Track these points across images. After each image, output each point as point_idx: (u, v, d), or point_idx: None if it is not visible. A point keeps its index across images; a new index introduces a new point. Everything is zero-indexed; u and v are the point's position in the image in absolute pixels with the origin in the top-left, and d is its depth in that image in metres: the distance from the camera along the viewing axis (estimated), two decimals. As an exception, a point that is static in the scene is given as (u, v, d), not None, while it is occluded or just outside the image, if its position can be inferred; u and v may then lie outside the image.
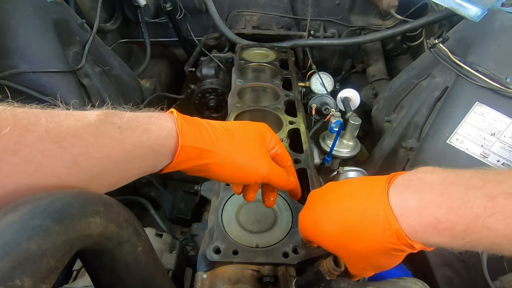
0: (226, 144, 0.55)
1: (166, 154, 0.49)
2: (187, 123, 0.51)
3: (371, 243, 0.46)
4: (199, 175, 0.56)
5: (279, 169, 0.62)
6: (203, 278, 0.62)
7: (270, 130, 0.64)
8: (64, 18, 1.11)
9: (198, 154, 0.52)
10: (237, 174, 0.57)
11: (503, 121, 0.92)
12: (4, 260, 0.29)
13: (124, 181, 0.48)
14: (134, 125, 0.45)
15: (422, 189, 0.43)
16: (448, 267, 1.09)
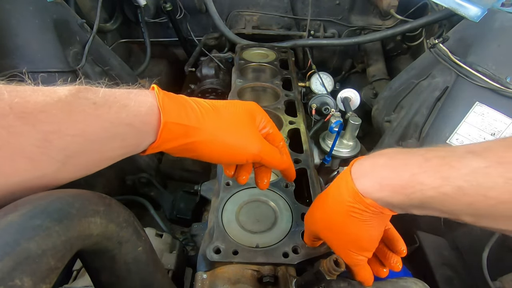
0: (213, 121, 0.52)
1: (149, 132, 0.46)
2: (170, 99, 0.48)
3: (338, 208, 0.51)
4: (186, 155, 0.53)
5: (272, 148, 0.60)
6: (203, 278, 0.62)
7: (261, 109, 0.62)
8: (64, 18, 1.11)
9: (183, 132, 0.49)
10: (227, 153, 0.54)
11: (503, 121, 0.92)
12: (4, 260, 0.29)
13: (105, 162, 0.45)
14: (110, 100, 0.42)
15: (376, 157, 0.49)
16: (448, 267, 1.09)
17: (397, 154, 0.47)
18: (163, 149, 0.49)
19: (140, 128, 0.45)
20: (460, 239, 1.14)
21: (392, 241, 0.60)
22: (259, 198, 0.76)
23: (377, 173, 0.47)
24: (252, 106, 0.60)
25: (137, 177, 1.36)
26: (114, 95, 0.43)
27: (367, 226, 0.51)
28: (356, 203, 0.49)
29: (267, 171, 0.64)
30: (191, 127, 0.49)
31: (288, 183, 0.79)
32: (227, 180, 0.79)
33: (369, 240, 0.53)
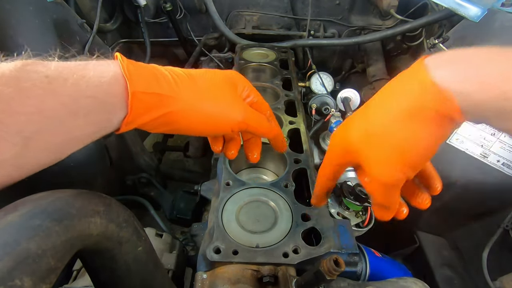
0: (189, 89, 0.48)
1: (117, 105, 0.42)
2: (136, 67, 0.44)
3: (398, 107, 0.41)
4: (165, 130, 0.48)
5: (257, 114, 0.55)
6: (203, 278, 0.62)
7: (242, 77, 0.57)
8: (64, 18, 1.11)
9: (156, 102, 0.44)
10: (209, 123, 0.50)
11: (503, 121, 0.92)
12: (4, 260, 0.29)
13: (74, 143, 0.41)
14: (65, 72, 0.38)
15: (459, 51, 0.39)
16: (448, 267, 1.09)
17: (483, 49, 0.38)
18: (138, 124, 0.45)
19: (105, 101, 0.40)
20: (460, 239, 1.14)
21: (427, 176, 0.51)
22: (259, 198, 0.76)
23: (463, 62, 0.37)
24: (232, 73, 0.56)
25: (137, 177, 1.36)
26: (69, 67, 0.39)
27: (428, 134, 0.40)
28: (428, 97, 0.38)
29: (256, 143, 0.60)
30: (164, 95, 0.45)
31: (288, 183, 0.79)
32: (227, 180, 0.79)
33: (423, 153, 0.42)
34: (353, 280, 0.66)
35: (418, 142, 0.41)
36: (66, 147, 0.40)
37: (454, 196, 1.02)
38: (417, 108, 0.39)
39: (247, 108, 0.54)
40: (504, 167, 0.94)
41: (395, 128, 0.42)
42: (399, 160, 0.43)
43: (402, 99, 0.41)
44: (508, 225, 0.94)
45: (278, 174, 0.95)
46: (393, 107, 0.42)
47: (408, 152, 0.42)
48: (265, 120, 0.56)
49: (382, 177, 0.44)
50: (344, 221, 0.72)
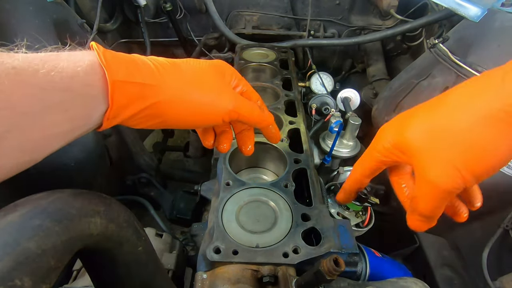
0: (174, 77, 0.44)
1: (96, 97, 0.38)
2: (114, 55, 0.40)
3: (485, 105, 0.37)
4: (153, 125, 0.45)
5: (248, 102, 0.53)
6: (203, 278, 0.62)
7: (229, 65, 0.54)
8: (64, 18, 1.11)
9: (138, 93, 0.40)
10: (198, 113, 0.47)
11: (503, 121, 0.92)
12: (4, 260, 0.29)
13: (52, 141, 0.37)
14: (34, 63, 0.34)
15: None
16: (448, 267, 1.09)
17: None
18: (122, 119, 0.41)
19: (82, 93, 0.37)
20: (460, 239, 1.14)
21: (471, 192, 0.48)
22: (259, 198, 0.76)
23: None
24: (219, 62, 0.53)
25: (137, 177, 1.36)
26: (39, 57, 0.35)
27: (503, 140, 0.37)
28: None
29: (249, 134, 0.58)
30: (146, 85, 0.41)
31: (288, 183, 0.79)
32: (227, 180, 0.79)
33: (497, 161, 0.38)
34: (353, 280, 0.66)
35: (498, 148, 0.37)
36: (42, 146, 0.37)
37: (454, 196, 1.02)
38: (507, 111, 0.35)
39: (238, 96, 0.51)
40: (504, 167, 0.94)
41: (476, 131, 0.38)
42: (467, 164, 0.39)
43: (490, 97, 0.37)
44: (508, 225, 0.94)
45: (278, 174, 0.95)
46: (480, 107, 0.38)
47: (481, 158, 0.38)
48: (257, 108, 0.54)
49: (440, 182, 0.40)
50: (344, 221, 0.72)
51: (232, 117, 0.50)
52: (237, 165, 0.93)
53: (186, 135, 1.97)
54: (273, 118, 0.59)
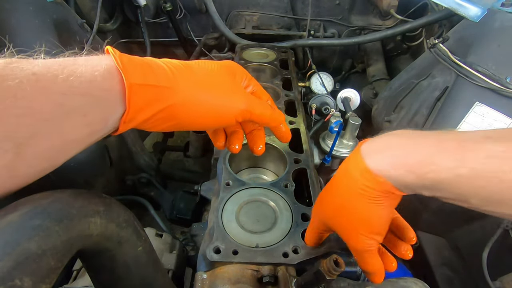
0: (188, 79, 0.45)
1: (113, 101, 0.38)
2: (130, 59, 0.41)
3: (349, 188, 0.49)
4: (167, 127, 0.46)
5: (260, 101, 0.53)
6: (203, 278, 0.62)
7: (240, 66, 0.56)
8: (64, 18, 1.11)
9: (154, 95, 0.41)
10: (211, 115, 0.47)
11: (503, 121, 0.92)
12: (4, 260, 0.29)
13: (71, 147, 0.38)
14: (54, 68, 0.34)
15: (387, 136, 0.48)
16: (448, 267, 1.09)
17: (410, 134, 0.46)
18: (138, 123, 0.42)
19: (101, 97, 0.37)
20: (460, 239, 1.14)
21: (401, 229, 0.58)
22: (259, 198, 0.76)
23: (390, 151, 0.45)
24: (229, 62, 0.54)
25: (137, 177, 1.36)
26: (57, 63, 0.35)
27: (378, 206, 0.48)
28: (367, 181, 0.46)
29: (260, 134, 0.59)
30: (162, 87, 0.42)
31: (288, 183, 0.79)
32: (227, 180, 0.79)
33: (380, 222, 0.50)
34: (353, 280, 0.66)
35: (374, 213, 0.49)
36: (62, 152, 0.37)
37: (454, 196, 1.02)
38: (364, 189, 0.47)
39: (249, 96, 0.52)
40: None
41: (353, 206, 0.50)
42: (365, 229, 0.51)
43: (352, 183, 0.49)
44: (508, 225, 0.94)
45: (278, 174, 0.95)
46: (346, 190, 0.50)
47: (370, 222, 0.50)
48: (269, 107, 0.54)
49: (357, 245, 0.52)
50: (344, 221, 0.72)
51: (245, 117, 0.51)
52: (237, 165, 0.93)
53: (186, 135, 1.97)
54: (284, 117, 0.59)
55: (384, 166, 0.45)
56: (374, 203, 0.48)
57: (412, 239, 0.57)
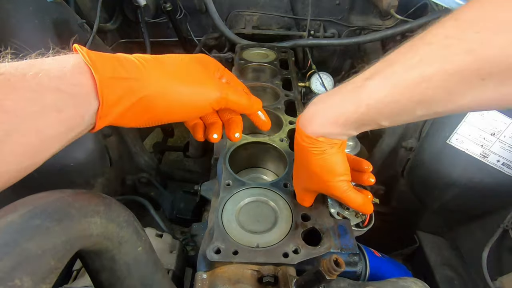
0: (158, 70, 0.46)
1: (86, 96, 0.39)
2: (97, 54, 0.41)
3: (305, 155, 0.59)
4: (146, 121, 0.47)
5: (235, 88, 0.55)
6: (203, 278, 0.62)
7: (212, 59, 0.58)
8: (64, 18, 1.11)
9: (126, 88, 0.42)
10: (187, 104, 0.48)
11: (503, 121, 0.92)
12: (4, 260, 0.29)
13: (50, 144, 0.39)
14: (22, 68, 0.35)
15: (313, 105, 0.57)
16: (448, 267, 1.09)
17: (324, 98, 0.56)
18: (114, 117, 0.42)
19: (73, 93, 0.38)
20: (460, 239, 1.14)
21: (358, 164, 0.68)
22: (259, 198, 0.76)
23: (316, 117, 0.55)
24: (201, 55, 0.56)
25: (137, 177, 1.36)
26: (25, 62, 0.36)
27: (331, 156, 0.58)
28: (312, 144, 0.56)
29: (237, 121, 0.60)
30: (133, 79, 0.42)
31: (288, 183, 0.79)
32: (227, 180, 0.79)
33: (339, 165, 0.59)
34: (353, 280, 0.66)
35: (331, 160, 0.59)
36: (41, 149, 0.38)
37: (454, 196, 1.02)
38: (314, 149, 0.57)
39: (223, 83, 0.54)
40: (504, 167, 0.94)
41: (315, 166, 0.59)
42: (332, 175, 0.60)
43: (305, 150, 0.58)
44: (508, 225, 0.94)
45: (278, 174, 0.95)
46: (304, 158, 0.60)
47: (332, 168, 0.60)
48: (244, 94, 0.56)
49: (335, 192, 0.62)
50: (344, 221, 0.72)
51: (221, 104, 0.52)
52: (237, 165, 0.93)
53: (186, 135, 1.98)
54: (261, 104, 0.61)
55: (318, 129, 0.55)
56: (326, 155, 0.57)
57: (367, 168, 0.68)
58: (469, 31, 0.39)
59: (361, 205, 0.64)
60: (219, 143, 1.07)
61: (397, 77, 0.46)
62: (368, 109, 0.50)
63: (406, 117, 0.49)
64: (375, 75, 0.50)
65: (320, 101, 0.56)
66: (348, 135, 0.57)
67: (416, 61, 0.44)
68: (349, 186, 0.62)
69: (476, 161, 0.95)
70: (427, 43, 0.43)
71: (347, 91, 0.52)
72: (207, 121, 0.61)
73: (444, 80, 0.41)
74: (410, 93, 0.45)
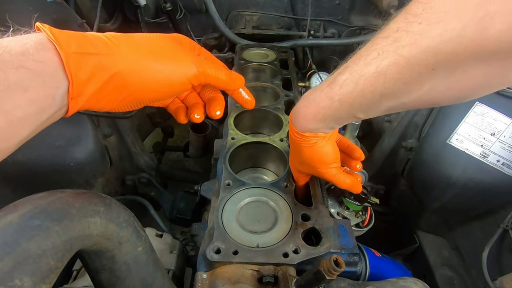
0: (129, 46, 0.44)
1: (53, 74, 0.37)
2: (61, 31, 0.39)
3: (297, 147, 0.66)
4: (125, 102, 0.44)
5: (214, 64, 0.54)
6: (203, 278, 0.62)
7: (188, 38, 0.56)
8: (64, 18, 1.11)
9: (96, 64, 0.40)
10: (163, 80, 0.46)
11: (503, 121, 0.92)
12: (4, 260, 0.29)
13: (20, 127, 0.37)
14: None
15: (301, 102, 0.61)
16: (448, 267, 1.09)
17: (309, 94, 0.59)
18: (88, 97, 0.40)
19: (38, 70, 0.36)
20: (460, 239, 1.14)
21: (351, 151, 0.74)
22: (259, 198, 0.76)
23: (301, 114, 0.60)
24: (175, 34, 0.54)
25: (137, 177, 1.36)
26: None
27: (320, 148, 0.63)
28: (302, 138, 0.62)
29: (218, 98, 0.59)
30: (102, 55, 0.40)
31: (288, 183, 0.79)
32: (227, 180, 0.79)
33: (329, 155, 0.65)
34: (353, 280, 0.66)
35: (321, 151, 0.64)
36: (11, 132, 0.36)
37: (454, 196, 1.02)
38: (304, 142, 0.63)
39: (201, 59, 0.52)
40: (504, 167, 0.94)
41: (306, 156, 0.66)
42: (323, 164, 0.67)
43: (296, 144, 0.65)
44: (508, 225, 0.94)
45: (278, 174, 0.95)
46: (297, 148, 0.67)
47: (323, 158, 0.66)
48: (224, 70, 0.54)
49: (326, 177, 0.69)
50: (344, 221, 0.72)
51: (199, 79, 0.50)
52: (237, 165, 0.93)
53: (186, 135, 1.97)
54: (243, 81, 0.60)
55: (303, 125, 0.60)
56: (316, 147, 0.63)
57: (360, 157, 0.74)
58: (414, 23, 0.39)
59: (350, 186, 0.70)
60: (219, 143, 1.07)
61: (359, 72, 0.48)
62: (340, 103, 0.52)
63: (376, 109, 0.51)
64: (345, 70, 0.51)
65: (305, 98, 0.60)
66: (331, 128, 0.61)
67: (374, 55, 0.45)
68: (338, 171, 0.68)
69: (476, 161, 0.95)
70: (383, 36, 0.44)
71: (324, 87, 0.55)
72: (188, 102, 0.60)
73: (397, 72, 0.43)
74: (371, 86, 0.47)
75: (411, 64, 0.41)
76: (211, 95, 0.60)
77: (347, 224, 0.71)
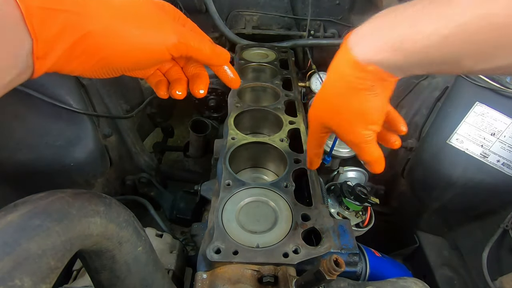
0: (102, 6, 0.39)
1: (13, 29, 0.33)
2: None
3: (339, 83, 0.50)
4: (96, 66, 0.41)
5: (197, 34, 0.49)
6: (203, 278, 0.62)
7: (173, 6, 0.52)
8: None
9: (64, 21, 0.36)
10: (139, 46, 0.42)
11: (503, 121, 0.92)
12: (4, 260, 0.29)
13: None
14: None
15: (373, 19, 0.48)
16: (448, 267, 1.09)
17: (393, 11, 0.46)
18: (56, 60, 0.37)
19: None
20: (460, 239, 1.14)
21: (393, 121, 0.59)
22: (259, 198, 0.76)
23: (374, 34, 0.45)
24: (160, 1, 0.50)
25: (137, 177, 1.36)
26: None
27: (373, 97, 0.48)
28: (358, 72, 0.46)
29: (202, 76, 0.54)
30: (70, 12, 0.36)
31: (288, 183, 0.79)
32: (227, 180, 0.79)
33: (376, 112, 0.50)
34: (353, 280, 0.66)
35: (369, 103, 0.49)
36: None
37: (454, 196, 1.02)
38: (355, 81, 0.47)
39: (183, 28, 0.47)
40: (504, 167, 0.94)
41: (347, 102, 0.50)
42: (361, 121, 0.51)
43: (342, 78, 0.49)
44: (508, 225, 0.94)
45: (278, 174, 0.95)
46: (338, 87, 0.51)
47: (365, 114, 0.50)
48: (209, 42, 0.49)
49: (354, 139, 0.53)
50: (344, 221, 0.72)
51: (180, 50, 0.46)
52: (237, 165, 0.93)
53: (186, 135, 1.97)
54: (229, 57, 0.55)
55: (371, 52, 0.44)
56: (369, 94, 0.48)
57: (402, 131, 0.59)
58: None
59: (376, 160, 0.56)
60: (219, 143, 1.07)
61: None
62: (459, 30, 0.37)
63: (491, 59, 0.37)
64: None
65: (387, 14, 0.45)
66: (405, 72, 0.45)
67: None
68: (374, 137, 0.53)
69: (476, 161, 0.95)
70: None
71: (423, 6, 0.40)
72: (171, 77, 0.56)
73: None
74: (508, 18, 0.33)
75: None
76: (195, 71, 0.55)
77: (347, 224, 0.71)
